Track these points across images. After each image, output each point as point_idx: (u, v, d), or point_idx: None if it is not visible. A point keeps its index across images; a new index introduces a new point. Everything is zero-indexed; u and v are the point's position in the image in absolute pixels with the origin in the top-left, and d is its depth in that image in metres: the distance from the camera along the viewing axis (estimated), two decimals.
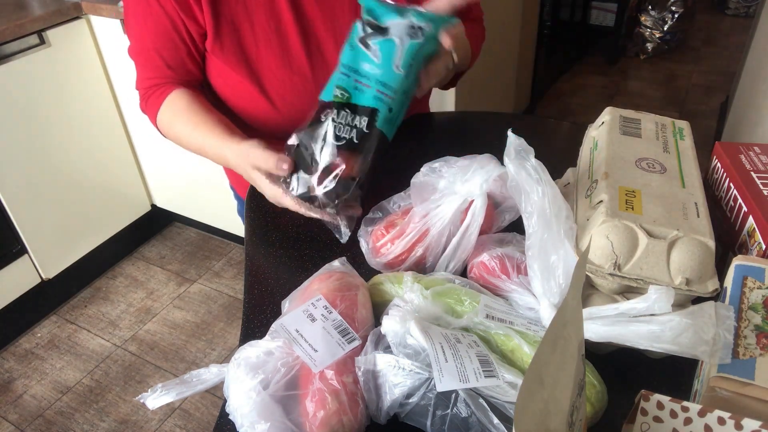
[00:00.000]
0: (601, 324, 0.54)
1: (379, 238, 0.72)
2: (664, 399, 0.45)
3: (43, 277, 2.07)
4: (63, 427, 1.74)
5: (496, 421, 0.51)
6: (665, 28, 3.68)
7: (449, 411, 0.52)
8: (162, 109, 0.92)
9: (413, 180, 0.75)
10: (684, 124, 0.78)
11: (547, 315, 0.60)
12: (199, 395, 1.81)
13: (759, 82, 1.94)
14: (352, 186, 0.69)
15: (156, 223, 2.49)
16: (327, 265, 0.67)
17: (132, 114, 2.15)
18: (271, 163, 0.73)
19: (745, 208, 0.64)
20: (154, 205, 2.44)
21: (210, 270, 2.30)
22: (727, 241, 0.68)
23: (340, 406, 0.53)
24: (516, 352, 0.58)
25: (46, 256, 2.05)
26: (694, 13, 3.82)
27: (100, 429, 1.73)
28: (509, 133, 0.65)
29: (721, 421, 0.44)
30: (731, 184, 0.68)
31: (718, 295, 0.57)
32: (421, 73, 0.73)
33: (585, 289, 0.62)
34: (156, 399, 0.56)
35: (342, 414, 0.53)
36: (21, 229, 1.93)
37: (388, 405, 0.54)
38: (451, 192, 0.70)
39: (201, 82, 0.96)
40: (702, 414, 0.45)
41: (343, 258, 0.68)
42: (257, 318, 0.70)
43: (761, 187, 0.65)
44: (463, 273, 0.71)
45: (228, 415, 0.54)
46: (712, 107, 3.16)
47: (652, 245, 0.58)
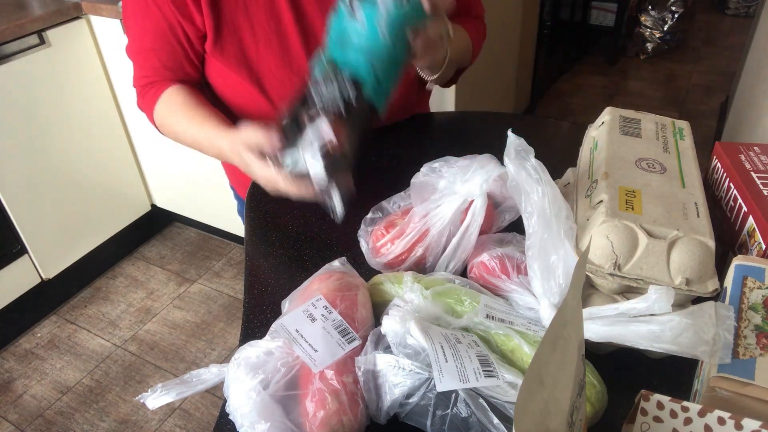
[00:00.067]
0: (601, 324, 0.54)
1: (379, 238, 0.72)
2: (664, 399, 0.45)
3: (43, 277, 2.07)
4: (63, 427, 1.74)
5: (496, 421, 0.51)
6: (665, 28, 3.68)
7: (449, 411, 0.52)
8: (158, 104, 0.92)
9: (413, 180, 0.75)
10: (684, 124, 0.78)
11: (547, 315, 0.60)
12: (199, 395, 1.81)
13: (759, 82, 1.94)
14: (343, 158, 0.68)
15: (156, 223, 2.49)
16: (327, 265, 0.67)
17: (132, 114, 2.15)
18: (260, 135, 0.71)
19: (745, 208, 0.64)
20: (154, 205, 2.44)
21: (210, 270, 2.30)
22: (727, 241, 0.68)
23: (340, 406, 0.53)
24: (516, 352, 0.58)
25: (46, 256, 2.05)
26: (694, 13, 3.82)
27: (100, 429, 1.73)
28: (509, 133, 0.65)
29: (721, 421, 0.44)
30: (731, 184, 0.68)
31: (718, 295, 0.57)
32: (413, 42, 0.71)
33: (585, 289, 0.62)
34: (156, 399, 0.56)
35: (342, 414, 0.53)
36: (21, 229, 1.93)
37: (388, 405, 0.54)
38: (451, 192, 0.70)
39: (199, 82, 0.96)
40: (702, 414, 0.45)
41: (343, 258, 0.68)
42: (257, 318, 0.70)
43: (761, 187, 0.65)
44: (463, 273, 0.71)
45: (228, 415, 0.54)
46: (712, 107, 3.16)
47: (652, 245, 0.58)
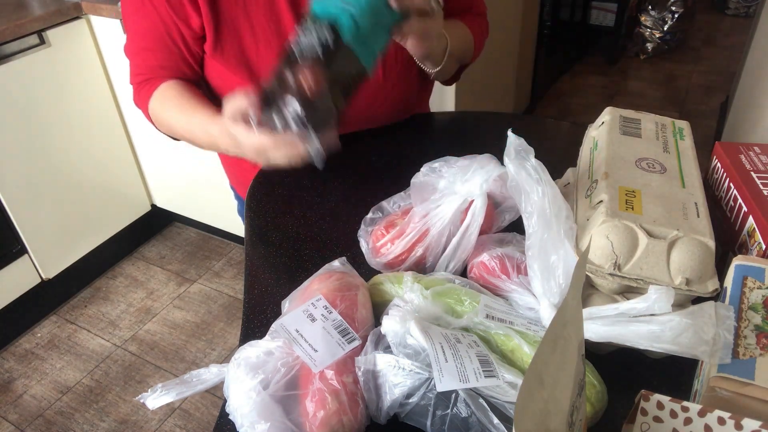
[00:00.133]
0: (601, 324, 0.54)
1: (379, 238, 0.72)
2: (664, 399, 0.45)
3: (43, 277, 2.07)
4: (63, 427, 1.74)
5: (496, 421, 0.51)
6: (665, 28, 3.68)
7: (449, 411, 0.52)
8: (152, 99, 0.92)
9: (413, 180, 0.75)
10: (684, 124, 0.78)
11: (547, 315, 0.60)
12: (199, 395, 1.81)
13: (759, 82, 1.94)
14: (322, 104, 0.67)
15: (156, 223, 2.49)
16: (327, 265, 0.67)
17: (132, 114, 2.15)
18: (241, 99, 0.70)
19: (745, 208, 0.64)
20: (154, 205, 2.44)
21: (210, 270, 2.30)
22: (727, 241, 0.68)
23: (340, 406, 0.53)
24: (516, 352, 0.58)
25: (46, 256, 2.05)
26: (694, 13, 3.82)
27: (100, 429, 1.73)
28: (509, 133, 0.65)
29: (721, 421, 0.44)
30: (731, 184, 0.68)
31: (718, 295, 0.57)
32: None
33: (585, 289, 0.62)
34: (156, 399, 0.56)
35: (342, 414, 0.53)
36: (21, 229, 1.93)
37: (388, 405, 0.54)
38: (451, 192, 0.70)
39: (196, 82, 0.96)
40: (702, 414, 0.45)
41: (343, 258, 0.68)
42: (257, 318, 0.70)
43: (761, 187, 0.65)
44: (463, 273, 0.70)
45: (228, 415, 0.54)
46: (712, 107, 3.16)
47: (652, 245, 0.58)
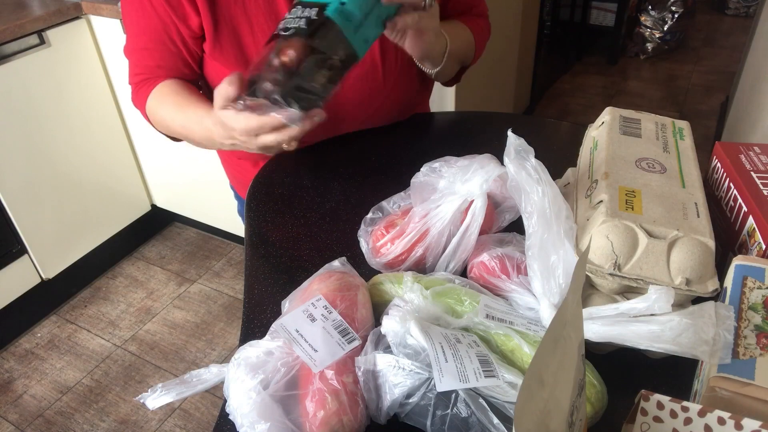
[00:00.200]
0: (601, 324, 0.54)
1: (379, 238, 0.72)
2: (664, 399, 0.45)
3: (43, 277, 2.07)
4: (63, 427, 1.74)
5: (496, 421, 0.51)
6: (665, 28, 3.68)
7: (449, 411, 0.52)
8: (149, 99, 0.92)
9: (413, 180, 0.75)
10: (684, 124, 0.78)
11: (547, 315, 0.60)
12: (199, 395, 1.81)
13: (759, 82, 1.94)
14: (306, 79, 0.66)
15: (156, 223, 2.49)
16: (327, 265, 0.67)
17: (132, 114, 2.15)
18: (225, 83, 0.70)
19: (745, 208, 0.64)
20: (154, 205, 2.44)
21: (210, 270, 2.30)
22: (727, 241, 0.68)
23: (340, 406, 0.53)
24: (516, 352, 0.58)
25: (46, 256, 2.05)
26: (694, 13, 3.82)
27: (100, 429, 1.73)
28: (509, 133, 0.65)
29: (721, 421, 0.44)
30: (731, 184, 0.68)
31: (718, 295, 0.57)
32: None
33: (585, 289, 0.62)
34: (156, 399, 0.56)
35: (342, 414, 0.53)
36: (21, 229, 1.93)
37: (388, 405, 0.54)
38: (451, 192, 0.70)
39: (194, 82, 0.96)
40: (702, 414, 0.45)
41: (343, 258, 0.68)
42: (257, 318, 0.70)
43: (761, 187, 0.65)
44: (463, 273, 0.70)
45: (228, 415, 0.54)
46: (712, 107, 3.16)
47: (652, 245, 0.58)
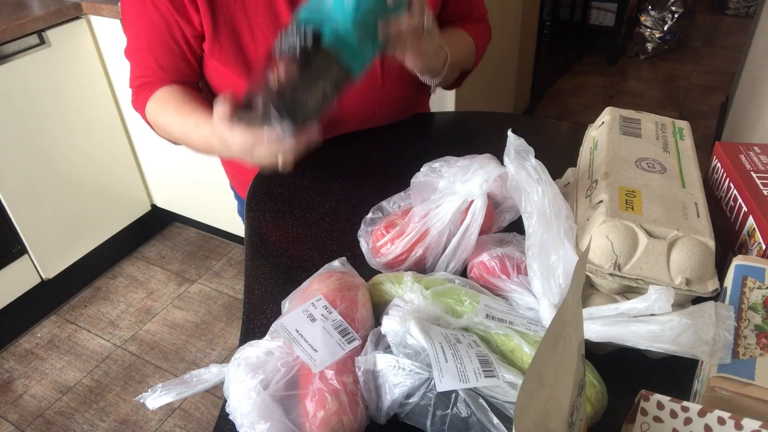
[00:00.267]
0: (601, 324, 0.54)
1: (379, 238, 0.72)
2: (664, 399, 0.45)
3: (43, 277, 2.07)
4: (63, 427, 1.74)
5: (496, 421, 0.51)
6: (665, 28, 3.68)
7: (449, 411, 0.52)
8: (149, 103, 0.92)
9: (413, 180, 0.75)
10: (684, 124, 0.78)
11: (547, 315, 0.60)
12: (199, 395, 1.81)
13: (759, 82, 1.94)
14: (299, 100, 0.68)
15: (156, 223, 2.49)
16: (327, 265, 0.67)
17: (132, 114, 2.15)
18: (224, 99, 0.70)
19: (745, 208, 0.64)
20: (154, 205, 2.44)
21: (210, 270, 2.30)
22: (727, 241, 0.68)
23: (340, 406, 0.53)
24: (516, 352, 0.58)
25: (46, 256, 2.05)
26: (694, 13, 3.82)
27: (100, 429, 1.73)
28: (509, 133, 0.65)
29: (721, 421, 0.44)
30: (731, 184, 0.68)
31: (718, 295, 0.57)
32: (384, 22, 0.72)
33: (585, 289, 0.62)
34: (156, 399, 0.56)
35: (342, 414, 0.53)
36: (21, 229, 1.93)
37: (388, 405, 0.54)
38: (451, 192, 0.70)
39: (195, 83, 0.96)
40: (702, 414, 0.45)
41: (343, 258, 0.68)
42: (257, 318, 0.70)
43: (761, 187, 0.65)
44: (463, 273, 0.70)
45: (228, 415, 0.54)
46: (712, 107, 3.16)
47: (652, 245, 0.58)
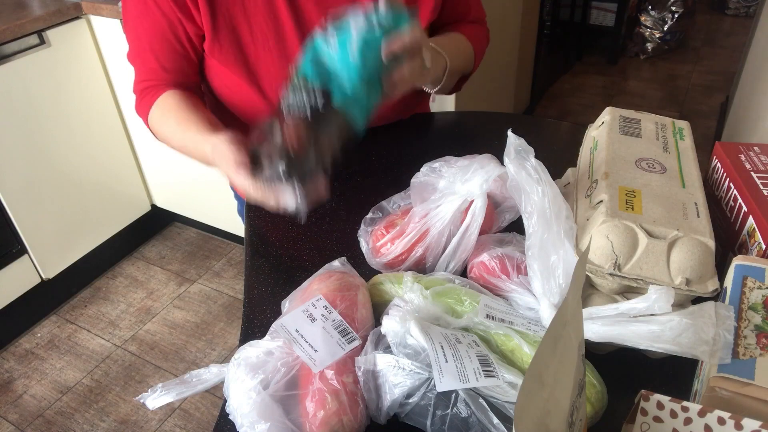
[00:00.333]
0: (601, 324, 0.54)
1: (379, 238, 0.72)
2: (664, 399, 0.45)
3: (43, 277, 2.07)
4: (63, 427, 1.74)
5: (496, 421, 0.51)
6: (665, 28, 3.68)
7: (449, 411, 0.52)
8: (153, 109, 0.91)
9: (413, 180, 0.75)
10: (684, 124, 0.78)
11: (547, 315, 0.60)
12: (199, 395, 1.81)
13: (759, 82, 1.94)
14: (306, 162, 0.68)
15: (156, 223, 2.49)
16: (327, 265, 0.67)
17: (132, 114, 2.15)
18: (231, 158, 0.71)
19: (745, 208, 0.64)
20: (154, 205, 2.44)
21: (210, 270, 2.30)
22: (727, 241, 0.68)
23: (340, 406, 0.53)
24: (516, 352, 0.58)
25: (46, 256, 2.05)
26: (694, 13, 3.82)
27: (100, 429, 1.73)
28: (509, 133, 0.65)
29: (721, 421, 0.44)
30: (731, 184, 0.68)
31: (718, 295, 0.57)
32: (387, 80, 0.73)
33: (585, 289, 0.62)
34: (156, 399, 0.56)
35: (342, 414, 0.53)
36: (21, 229, 1.93)
37: (388, 405, 0.54)
38: (451, 192, 0.70)
39: (197, 84, 0.96)
40: (702, 414, 0.45)
41: (343, 258, 0.68)
42: (257, 318, 0.70)
43: (761, 187, 0.65)
44: (463, 273, 0.70)
45: (228, 415, 0.54)
46: (712, 107, 3.16)
47: (652, 245, 0.58)
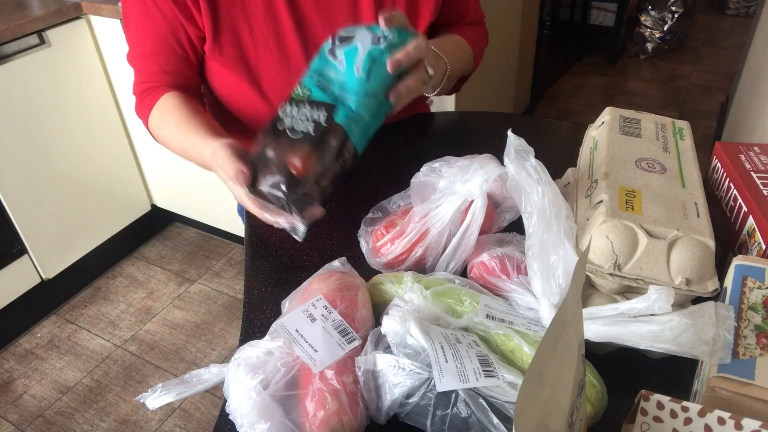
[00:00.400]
0: (601, 324, 0.54)
1: (379, 238, 0.72)
2: (664, 399, 0.45)
3: (43, 277, 2.07)
4: (63, 427, 1.74)
5: (496, 421, 0.51)
6: (665, 28, 3.68)
7: (449, 411, 0.52)
8: (153, 111, 0.91)
9: (413, 180, 0.75)
10: (684, 124, 0.78)
11: (547, 315, 0.60)
12: (199, 395, 1.81)
13: (759, 82, 1.94)
14: (306, 182, 0.67)
15: (156, 223, 2.49)
16: (327, 265, 0.67)
17: (132, 114, 2.15)
18: (230, 171, 0.70)
19: (745, 208, 0.64)
20: (154, 205, 2.44)
21: (210, 270, 2.30)
22: (727, 240, 0.68)
23: (340, 406, 0.53)
24: (516, 352, 0.58)
25: (46, 256, 2.05)
26: (694, 13, 3.82)
27: (100, 429, 1.73)
28: (509, 133, 0.65)
29: (721, 421, 0.44)
30: (731, 184, 0.68)
31: (718, 295, 0.57)
32: (392, 87, 0.73)
33: (585, 289, 0.62)
34: (156, 399, 0.56)
35: (342, 414, 0.53)
36: (21, 229, 1.93)
37: (388, 405, 0.54)
38: (451, 192, 0.70)
39: (197, 86, 0.95)
40: (702, 414, 0.45)
41: (343, 258, 0.68)
42: (257, 318, 0.70)
43: (761, 187, 0.65)
44: (463, 273, 0.70)
45: (228, 415, 0.54)
46: (712, 107, 3.16)
47: (652, 245, 0.58)
